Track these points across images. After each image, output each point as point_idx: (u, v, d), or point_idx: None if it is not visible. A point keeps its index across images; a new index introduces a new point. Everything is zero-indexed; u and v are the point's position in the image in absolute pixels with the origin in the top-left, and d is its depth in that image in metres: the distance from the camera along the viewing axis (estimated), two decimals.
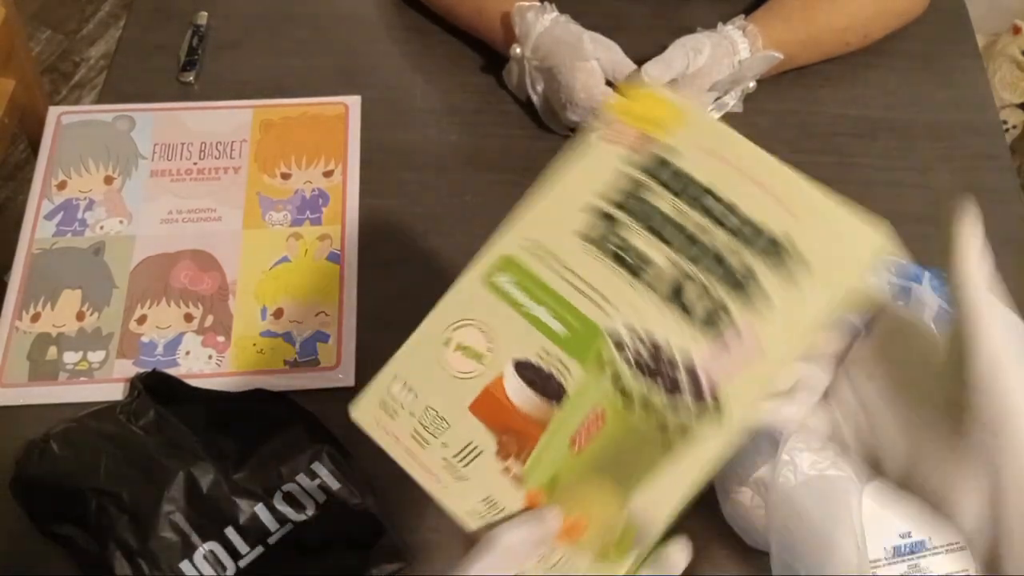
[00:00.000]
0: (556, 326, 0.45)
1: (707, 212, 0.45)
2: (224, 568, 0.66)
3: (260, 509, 0.67)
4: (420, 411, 0.46)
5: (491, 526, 0.45)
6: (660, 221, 0.45)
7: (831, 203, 0.46)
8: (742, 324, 0.43)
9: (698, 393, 0.43)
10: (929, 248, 0.83)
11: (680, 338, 0.43)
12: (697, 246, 0.44)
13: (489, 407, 0.45)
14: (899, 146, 0.90)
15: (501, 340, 0.46)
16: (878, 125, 0.91)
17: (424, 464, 0.47)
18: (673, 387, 0.43)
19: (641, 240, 0.45)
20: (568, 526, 0.44)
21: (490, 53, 0.92)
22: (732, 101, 0.88)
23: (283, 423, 0.71)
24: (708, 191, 0.45)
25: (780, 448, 0.58)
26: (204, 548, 0.66)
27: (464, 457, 0.46)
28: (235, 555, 0.66)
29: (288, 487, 0.68)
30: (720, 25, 0.85)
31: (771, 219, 0.45)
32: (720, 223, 0.44)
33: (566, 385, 0.44)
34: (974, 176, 0.88)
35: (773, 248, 0.44)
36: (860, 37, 0.91)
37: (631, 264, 0.45)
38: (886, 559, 0.63)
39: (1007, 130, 1.70)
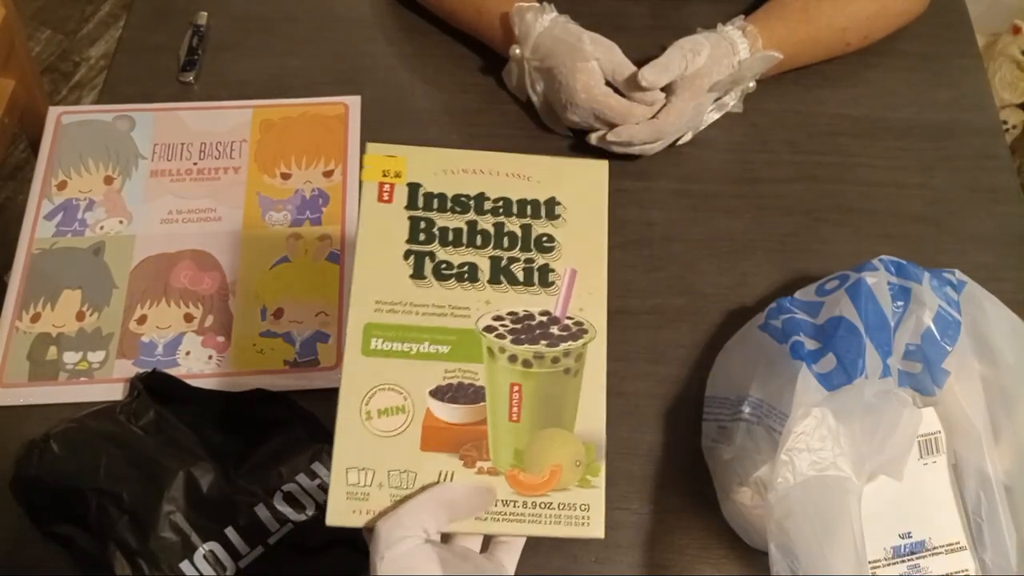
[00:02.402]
0: (441, 349, 0.53)
1: (479, 210, 0.57)
2: (224, 568, 0.66)
3: (260, 509, 0.67)
4: (385, 478, 0.51)
5: (499, 512, 0.52)
6: (454, 235, 0.56)
7: (551, 160, 0.58)
8: (558, 267, 0.55)
9: (564, 327, 0.54)
10: (929, 248, 0.84)
11: (527, 302, 0.54)
12: (494, 236, 0.56)
13: (435, 438, 0.52)
14: (899, 146, 0.90)
15: (409, 385, 0.52)
16: (878, 125, 0.91)
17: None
18: (545, 335, 0.54)
19: (453, 255, 0.55)
20: (548, 477, 0.52)
21: (490, 53, 0.92)
22: (732, 101, 0.88)
23: (283, 423, 0.71)
24: (466, 196, 0.57)
25: (780, 448, 0.58)
26: (204, 548, 0.66)
27: None
28: (235, 555, 0.66)
29: (288, 487, 0.68)
30: (720, 25, 0.85)
31: (525, 191, 0.57)
32: (495, 212, 0.57)
33: (479, 383, 0.53)
34: (974, 176, 0.88)
35: (545, 209, 0.57)
36: (860, 37, 0.91)
37: (459, 275, 0.55)
38: (886, 559, 0.63)
39: (1007, 130, 1.70)
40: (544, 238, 0.56)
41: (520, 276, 0.55)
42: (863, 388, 0.61)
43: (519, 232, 0.56)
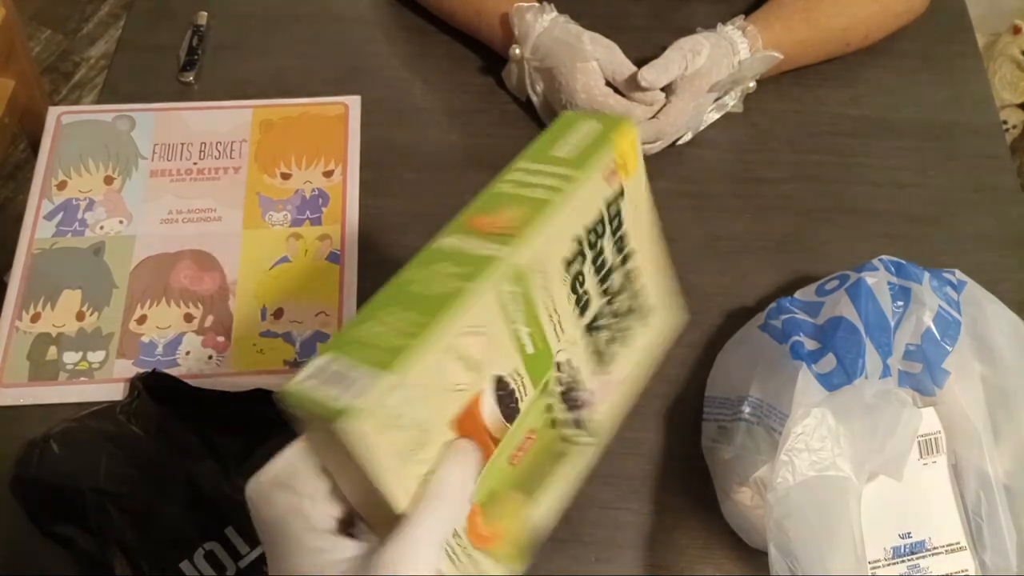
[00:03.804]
0: (530, 348, 0.45)
1: (625, 261, 0.50)
2: (224, 568, 0.66)
3: None
4: (409, 425, 0.40)
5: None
6: (602, 262, 0.48)
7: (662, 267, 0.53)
8: (620, 360, 0.50)
9: (588, 419, 0.49)
10: (929, 248, 0.84)
11: (588, 368, 0.48)
12: (617, 290, 0.50)
13: (467, 423, 0.43)
14: (899, 146, 0.90)
15: (492, 354, 0.43)
16: (878, 125, 0.91)
17: (401, 480, 0.40)
18: (574, 408, 0.48)
19: (589, 277, 0.48)
20: (488, 534, 0.44)
21: (490, 53, 0.92)
22: (732, 101, 0.88)
23: (283, 423, 0.71)
24: (625, 240, 0.50)
25: (779, 448, 0.58)
26: (204, 548, 0.66)
27: None
28: (235, 555, 0.66)
29: None
30: (720, 25, 0.85)
31: (643, 272, 0.51)
32: (628, 277, 0.50)
33: (520, 405, 0.45)
34: (974, 176, 0.88)
35: (641, 300, 0.52)
36: (860, 37, 0.91)
37: (580, 297, 0.47)
38: (886, 559, 0.63)
39: (1007, 130, 1.70)
40: (631, 324, 0.51)
41: (603, 345, 0.49)
42: (863, 388, 0.61)
43: (626, 303, 0.51)
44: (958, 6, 1.00)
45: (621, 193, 0.48)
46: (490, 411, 0.43)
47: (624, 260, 0.50)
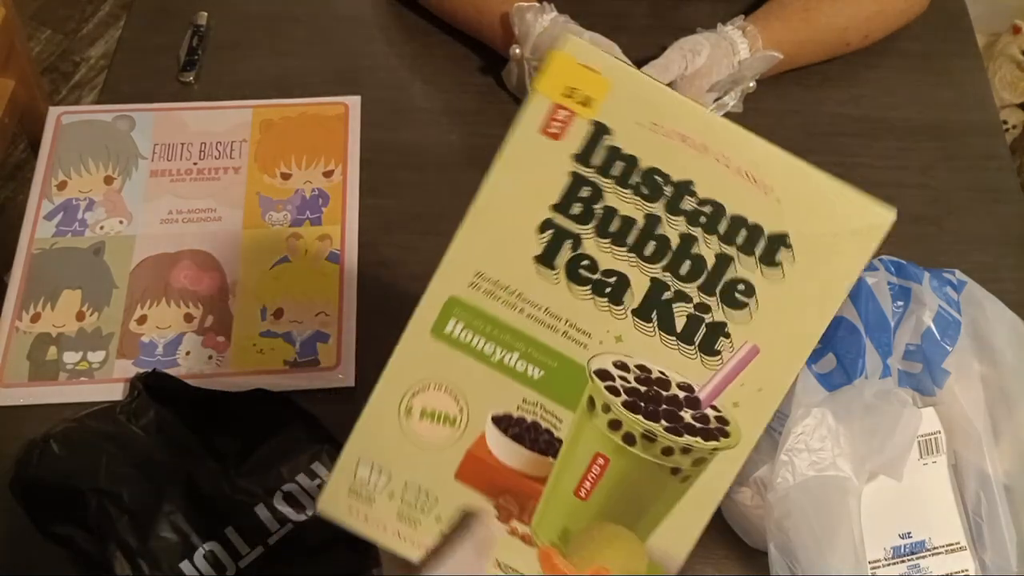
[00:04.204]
0: (531, 370, 0.40)
1: (673, 207, 0.39)
2: (224, 568, 0.66)
3: (260, 509, 0.67)
4: (400, 490, 0.41)
5: None
6: (621, 226, 0.39)
7: (818, 176, 0.39)
8: (737, 335, 0.39)
9: (700, 417, 0.40)
10: (929, 248, 0.83)
11: (672, 361, 0.40)
12: (675, 252, 0.39)
13: (477, 471, 0.41)
14: (899, 146, 0.90)
15: (472, 397, 0.40)
16: (878, 125, 0.91)
17: (420, 543, 0.42)
18: (671, 415, 0.40)
19: (605, 252, 0.39)
20: (589, 571, 0.41)
21: (490, 53, 0.92)
22: (732, 101, 0.88)
23: (283, 423, 0.71)
24: (665, 177, 0.39)
25: (779, 448, 0.58)
26: (204, 548, 0.66)
27: None
28: (235, 555, 0.66)
29: (288, 487, 0.68)
30: (719, 25, 0.85)
31: (752, 206, 0.39)
32: (693, 219, 0.39)
33: (557, 433, 0.40)
34: (974, 176, 0.88)
35: (765, 245, 0.39)
36: (860, 37, 0.91)
37: (600, 284, 0.39)
38: (886, 559, 0.63)
39: (1007, 130, 1.70)
40: (741, 286, 0.39)
41: (679, 323, 0.39)
42: (863, 388, 0.61)
43: (711, 261, 0.39)
44: (958, 6, 1.00)
45: (604, 130, 0.39)
46: (505, 450, 0.41)
47: (679, 195, 0.39)
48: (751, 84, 0.87)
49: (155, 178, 0.85)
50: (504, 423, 0.41)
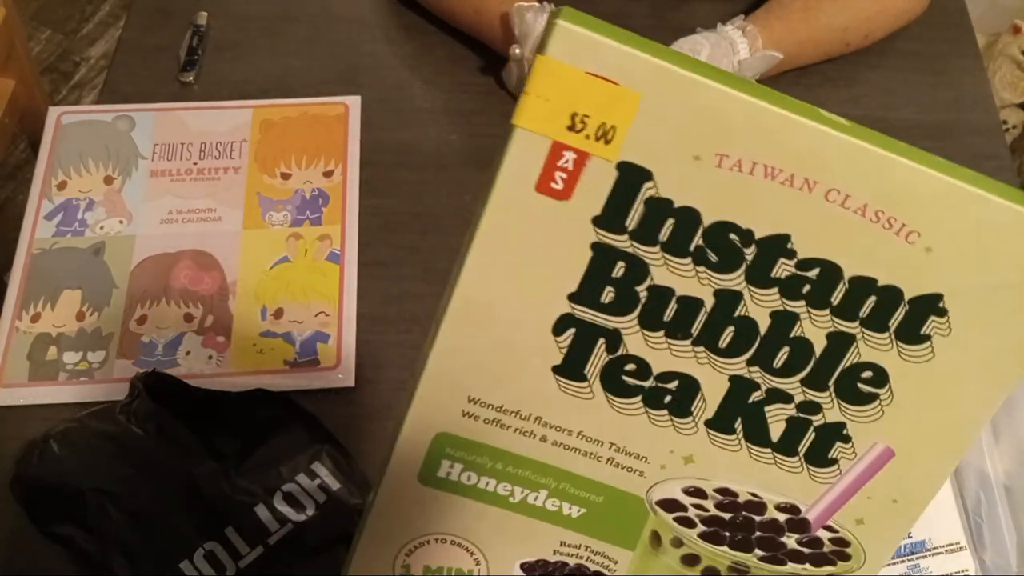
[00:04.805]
0: (568, 509, 0.31)
1: (759, 276, 0.27)
2: (224, 568, 0.66)
3: (260, 509, 0.67)
4: None
5: None
6: (680, 311, 0.27)
7: (999, 205, 0.27)
8: (861, 437, 0.29)
9: (810, 541, 0.31)
10: None
11: (766, 478, 0.30)
12: (764, 339, 0.27)
13: None
14: None
15: (490, 545, 0.32)
16: (878, 125, 0.90)
17: None
18: (769, 543, 0.31)
19: (658, 350, 0.28)
20: None
21: (490, 53, 0.92)
22: None
23: (283, 423, 0.71)
24: (745, 234, 0.26)
25: None
26: (204, 548, 0.66)
27: None
28: (235, 555, 0.66)
29: (288, 487, 0.68)
30: (719, 25, 0.85)
31: (886, 260, 0.26)
32: (791, 291, 0.27)
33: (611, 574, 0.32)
34: None
35: (905, 314, 0.27)
36: (860, 37, 0.91)
37: (655, 393, 0.29)
38: None
39: (1007, 130, 1.70)
40: (867, 374, 0.28)
41: (775, 430, 0.29)
42: None
43: (820, 345, 0.28)
44: (958, 6, 1.00)
45: (640, 175, 0.26)
46: None
47: (769, 257, 0.27)
48: None
49: (155, 178, 0.85)
50: (536, 569, 0.32)
